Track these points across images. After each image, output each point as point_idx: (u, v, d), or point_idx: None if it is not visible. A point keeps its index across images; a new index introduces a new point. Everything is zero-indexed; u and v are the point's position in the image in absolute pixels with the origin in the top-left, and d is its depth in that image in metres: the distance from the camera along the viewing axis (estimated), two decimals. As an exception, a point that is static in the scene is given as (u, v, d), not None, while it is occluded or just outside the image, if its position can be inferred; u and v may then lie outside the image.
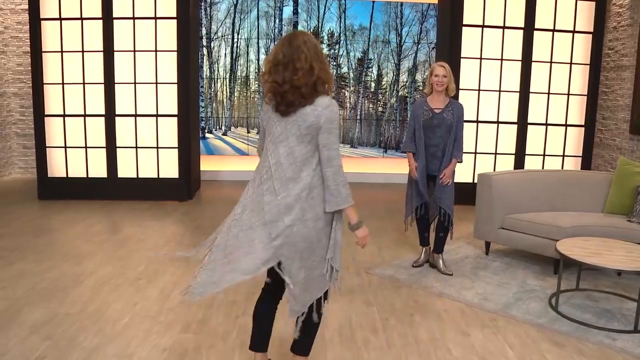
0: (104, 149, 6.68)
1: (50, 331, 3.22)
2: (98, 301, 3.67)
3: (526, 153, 6.93)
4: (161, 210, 6.32)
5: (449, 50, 6.69)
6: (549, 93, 6.87)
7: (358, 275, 4.31)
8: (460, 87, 6.67)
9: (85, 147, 6.70)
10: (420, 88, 8.45)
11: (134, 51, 6.56)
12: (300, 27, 8.35)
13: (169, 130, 6.73)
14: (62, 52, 6.55)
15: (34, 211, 6.15)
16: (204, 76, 8.50)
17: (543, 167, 6.90)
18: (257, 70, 8.47)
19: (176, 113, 6.68)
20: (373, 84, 8.65)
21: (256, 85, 8.56)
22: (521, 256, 4.86)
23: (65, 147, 6.69)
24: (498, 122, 6.88)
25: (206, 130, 8.65)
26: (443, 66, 4.23)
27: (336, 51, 8.54)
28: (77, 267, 4.33)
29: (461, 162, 4.31)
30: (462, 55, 6.67)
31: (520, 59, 6.76)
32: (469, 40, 6.69)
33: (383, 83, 8.64)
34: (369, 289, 4.03)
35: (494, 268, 4.57)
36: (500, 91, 6.83)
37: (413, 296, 3.92)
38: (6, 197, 6.77)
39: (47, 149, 6.67)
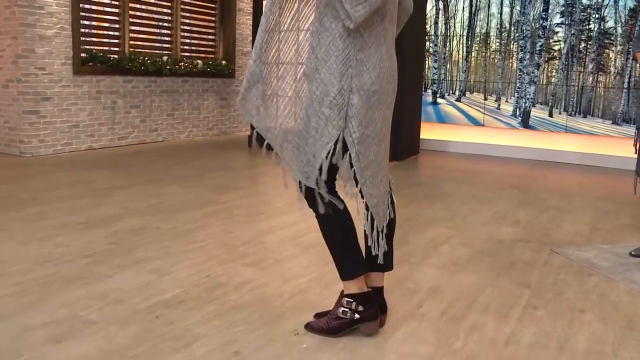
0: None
1: (120, 238, 2.90)
2: (193, 224, 3.24)
3: None
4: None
5: None
6: None
7: (536, 251, 3.01)
8: None
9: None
10: None
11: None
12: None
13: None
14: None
15: (236, 157, 6.13)
16: (439, 33, 7.57)
17: None
18: (499, 27, 7.19)
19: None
20: (654, 41, 6.53)
21: (497, 44, 7.28)
22: None
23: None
24: None
25: (438, 95, 7.72)
26: None
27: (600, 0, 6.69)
28: (218, 196, 4.01)
29: None
30: None
31: None
32: None
33: (671, 40, 6.44)
34: (539, 269, 2.73)
35: None
36: None
37: (604, 290, 2.50)
38: (227, 146, 6.92)
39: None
